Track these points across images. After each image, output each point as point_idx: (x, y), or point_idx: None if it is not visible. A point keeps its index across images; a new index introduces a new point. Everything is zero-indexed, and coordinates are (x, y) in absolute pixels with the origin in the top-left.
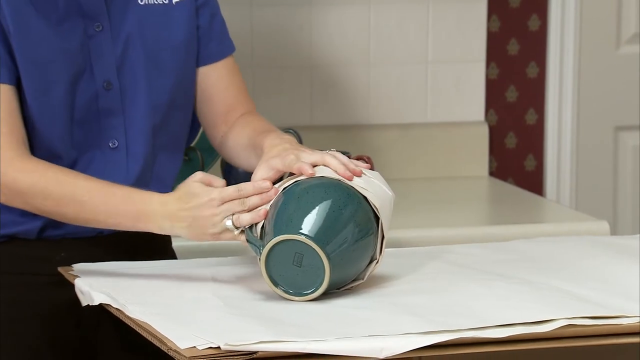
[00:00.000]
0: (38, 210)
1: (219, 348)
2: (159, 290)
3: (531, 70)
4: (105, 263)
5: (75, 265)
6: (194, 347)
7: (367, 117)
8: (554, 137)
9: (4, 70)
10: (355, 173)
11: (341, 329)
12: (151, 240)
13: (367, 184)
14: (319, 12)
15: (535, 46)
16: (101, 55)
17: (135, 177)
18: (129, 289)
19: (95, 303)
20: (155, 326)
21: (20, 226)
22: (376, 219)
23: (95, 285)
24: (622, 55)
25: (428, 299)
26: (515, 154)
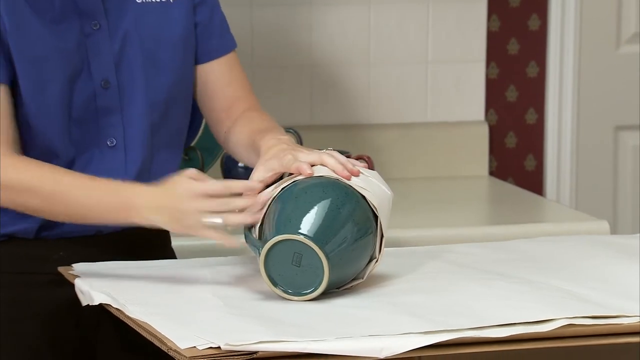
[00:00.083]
0: (25, 208)
1: (219, 348)
2: (159, 290)
3: (531, 70)
4: (105, 263)
5: (75, 265)
6: (194, 347)
7: (367, 117)
8: (554, 137)
9: None
10: (353, 173)
11: (341, 328)
12: (150, 240)
13: (366, 183)
14: (319, 12)
15: (535, 46)
16: (98, 53)
17: (134, 176)
18: (129, 289)
19: (95, 303)
20: (155, 326)
21: (18, 225)
22: (375, 218)
23: (95, 285)
24: (622, 55)
25: (428, 298)
26: (515, 153)
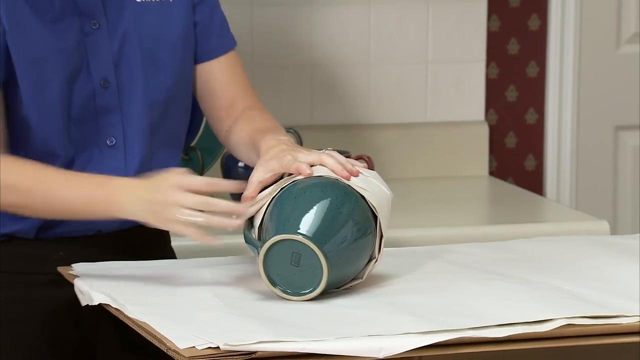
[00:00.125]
0: (8, 205)
1: (218, 348)
2: (159, 290)
3: (531, 70)
4: (104, 263)
5: (75, 265)
6: (194, 347)
7: (367, 117)
8: (554, 137)
9: None
10: (352, 173)
11: (340, 328)
12: (150, 240)
13: (365, 183)
14: (320, 12)
15: (535, 46)
16: (98, 53)
17: (134, 175)
18: (128, 289)
19: (95, 303)
20: (154, 326)
21: (18, 225)
22: (374, 218)
23: (94, 285)
24: (622, 55)
25: (427, 298)
26: (515, 153)
